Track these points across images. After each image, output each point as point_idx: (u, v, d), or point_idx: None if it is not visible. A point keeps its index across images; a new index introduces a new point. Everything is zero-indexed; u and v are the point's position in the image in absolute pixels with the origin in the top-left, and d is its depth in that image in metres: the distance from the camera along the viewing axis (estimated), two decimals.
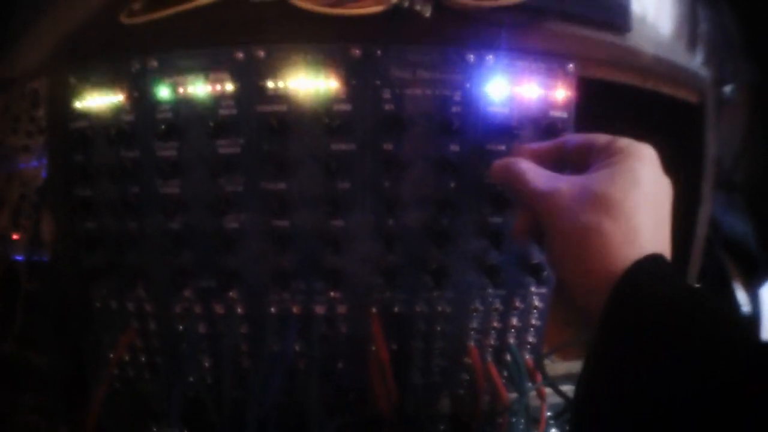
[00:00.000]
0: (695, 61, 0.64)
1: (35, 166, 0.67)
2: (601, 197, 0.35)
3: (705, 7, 0.64)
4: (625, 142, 0.39)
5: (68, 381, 0.59)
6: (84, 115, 0.52)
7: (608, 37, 0.54)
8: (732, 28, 0.65)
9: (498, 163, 0.43)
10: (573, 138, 0.43)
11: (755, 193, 0.67)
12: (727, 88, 0.65)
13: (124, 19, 0.51)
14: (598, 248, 0.34)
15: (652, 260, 0.33)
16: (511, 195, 0.48)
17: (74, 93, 0.52)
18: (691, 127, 0.58)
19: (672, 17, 0.64)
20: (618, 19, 0.55)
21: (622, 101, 0.57)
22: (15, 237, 0.65)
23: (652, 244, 0.34)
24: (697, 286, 0.59)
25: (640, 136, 0.65)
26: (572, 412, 0.37)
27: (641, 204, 0.35)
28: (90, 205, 0.53)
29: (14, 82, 0.68)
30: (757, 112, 0.67)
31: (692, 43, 0.66)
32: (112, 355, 0.54)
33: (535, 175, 0.40)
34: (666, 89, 0.56)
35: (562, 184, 0.38)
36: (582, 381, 0.33)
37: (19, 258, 0.64)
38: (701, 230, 0.59)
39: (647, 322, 0.30)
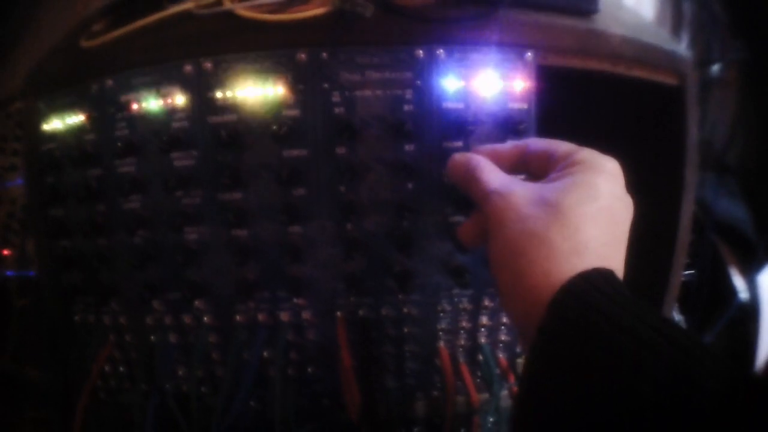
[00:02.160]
0: (678, 42, 0.61)
1: (22, 184, 0.70)
2: (553, 206, 0.33)
3: None
4: (587, 153, 0.37)
5: (62, 394, 0.61)
6: (53, 138, 0.54)
7: (570, 21, 0.51)
8: (717, 5, 0.62)
9: (455, 157, 0.42)
10: (535, 143, 0.41)
11: (749, 175, 0.64)
12: (715, 67, 0.62)
13: (84, 43, 0.52)
14: (542, 257, 0.32)
15: (599, 274, 0.31)
16: (463, 192, 0.46)
17: (43, 117, 0.54)
18: (671, 111, 0.55)
19: None
20: (582, 1, 0.53)
21: (597, 88, 0.55)
22: (6, 253, 0.67)
23: (602, 260, 0.32)
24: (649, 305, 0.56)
25: (617, 124, 0.62)
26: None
27: (595, 218, 0.33)
28: (63, 224, 0.54)
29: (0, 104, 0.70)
30: (748, 91, 0.63)
31: (676, 22, 0.63)
32: (93, 368, 0.55)
33: (490, 174, 0.39)
34: (640, 73, 0.53)
35: (517, 187, 0.36)
36: (516, 399, 0.32)
37: (10, 274, 0.67)
38: (686, 219, 0.56)
39: (587, 338, 0.28)
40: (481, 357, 0.52)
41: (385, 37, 0.47)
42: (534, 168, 0.41)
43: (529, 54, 0.48)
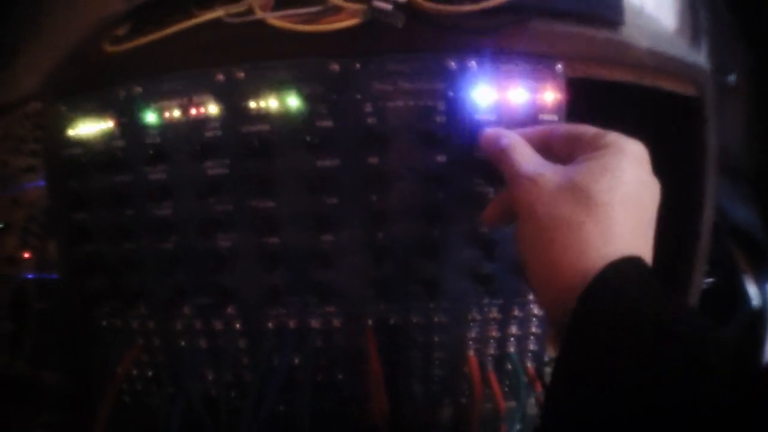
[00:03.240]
0: (697, 51, 0.62)
1: (41, 185, 0.69)
2: (583, 191, 0.34)
3: None
4: (613, 137, 0.37)
5: (80, 397, 0.61)
6: (77, 143, 0.53)
7: (599, 32, 0.52)
8: (728, 13, 0.63)
9: (488, 132, 0.43)
10: (560, 127, 0.42)
11: (761, 182, 0.65)
12: (731, 76, 0.63)
13: (108, 48, 0.52)
14: (573, 246, 0.33)
15: (629, 262, 0.32)
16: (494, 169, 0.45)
17: (66, 121, 0.53)
18: (690, 120, 0.56)
19: (670, 5, 0.62)
20: (609, 12, 0.53)
21: (616, 97, 0.55)
22: (26, 255, 0.67)
23: (631, 246, 0.33)
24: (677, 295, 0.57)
25: (638, 132, 0.63)
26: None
27: (623, 205, 0.34)
28: (88, 229, 0.54)
29: (15, 105, 0.70)
30: (757, 98, 0.65)
31: (695, 32, 0.64)
32: (118, 370, 0.55)
33: (522, 155, 0.39)
34: (662, 83, 0.54)
35: (547, 171, 0.36)
36: (547, 395, 0.33)
37: (30, 276, 0.66)
38: (706, 228, 0.57)
39: (615, 330, 0.29)
40: (509, 365, 0.52)
41: (417, 48, 0.48)
42: (559, 152, 0.40)
43: (560, 65, 0.49)
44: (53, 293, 0.64)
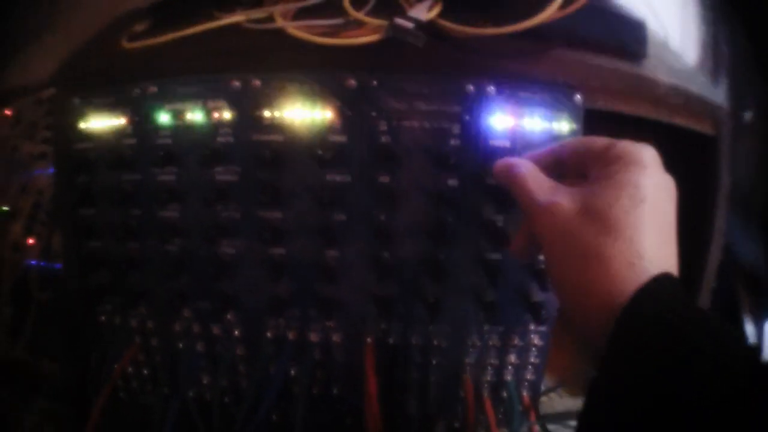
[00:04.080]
0: (716, 87, 0.61)
1: (51, 173, 0.68)
2: (602, 217, 0.33)
3: (724, 27, 0.61)
4: (622, 146, 0.36)
5: (77, 389, 0.61)
6: (88, 137, 0.53)
7: (621, 65, 0.51)
8: (749, 49, 0.62)
9: (500, 163, 0.42)
10: (570, 143, 0.41)
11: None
12: (747, 113, 0.62)
13: (125, 44, 0.51)
14: (599, 274, 0.32)
15: (658, 283, 0.31)
16: (505, 196, 0.46)
17: (78, 114, 0.53)
18: (704, 158, 0.56)
19: (694, 39, 0.61)
20: (633, 45, 0.53)
21: (629, 127, 0.55)
22: (30, 242, 0.67)
23: (658, 263, 0.32)
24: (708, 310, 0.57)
25: None
26: None
27: (645, 222, 0.33)
28: (94, 225, 0.54)
29: (27, 90, 0.69)
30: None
31: (716, 67, 0.63)
32: (115, 367, 0.55)
33: (535, 184, 0.38)
34: (680, 120, 0.53)
35: (563, 198, 0.36)
36: (582, 420, 0.32)
37: (33, 262, 0.66)
38: (712, 266, 0.57)
39: (652, 359, 0.29)
40: (505, 393, 0.52)
41: (436, 69, 0.47)
42: (572, 167, 0.40)
43: (579, 96, 0.48)
44: (56, 284, 0.64)
